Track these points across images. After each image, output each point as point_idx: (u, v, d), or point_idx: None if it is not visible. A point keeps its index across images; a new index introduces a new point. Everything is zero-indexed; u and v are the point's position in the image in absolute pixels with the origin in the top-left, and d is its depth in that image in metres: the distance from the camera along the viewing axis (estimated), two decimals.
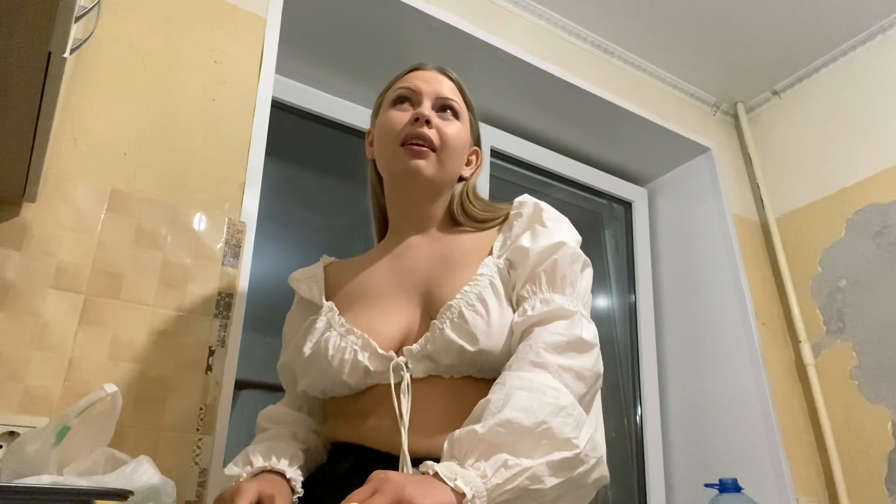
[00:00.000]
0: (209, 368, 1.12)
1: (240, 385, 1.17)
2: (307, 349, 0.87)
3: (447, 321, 0.81)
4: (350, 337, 0.85)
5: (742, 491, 1.39)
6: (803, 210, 2.10)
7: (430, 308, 0.87)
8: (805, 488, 1.78)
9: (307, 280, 1.01)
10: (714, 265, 2.05)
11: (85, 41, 0.83)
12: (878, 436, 1.75)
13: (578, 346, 0.78)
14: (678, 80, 2.23)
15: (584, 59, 2.03)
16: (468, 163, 1.02)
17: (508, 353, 0.81)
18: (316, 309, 0.95)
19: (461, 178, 1.01)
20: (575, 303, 0.83)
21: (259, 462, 0.83)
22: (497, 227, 0.96)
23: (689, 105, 2.27)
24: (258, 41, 1.41)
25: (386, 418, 0.80)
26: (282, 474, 0.82)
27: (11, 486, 0.64)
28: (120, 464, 0.88)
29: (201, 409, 1.09)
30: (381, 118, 0.99)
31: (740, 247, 2.04)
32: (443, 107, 0.97)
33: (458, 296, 0.83)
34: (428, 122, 0.92)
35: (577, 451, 0.67)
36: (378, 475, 0.62)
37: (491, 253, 0.90)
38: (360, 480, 0.65)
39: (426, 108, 0.94)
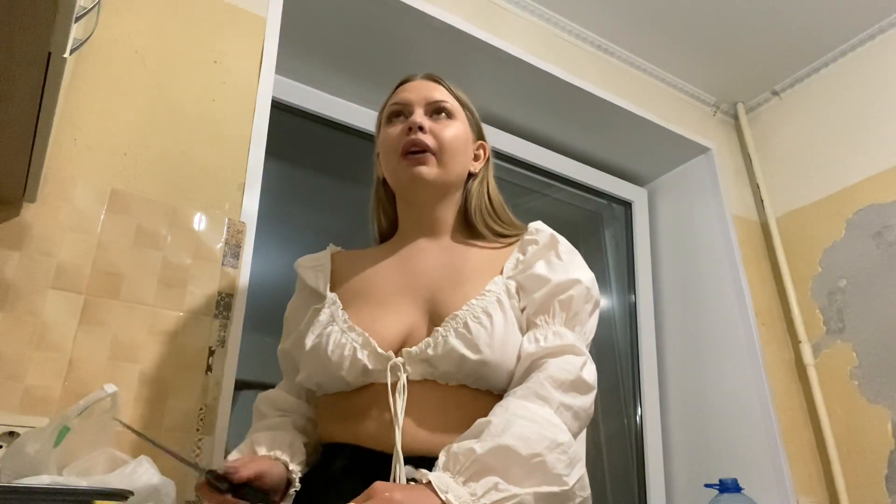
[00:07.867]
0: (209, 369, 1.12)
1: (240, 385, 1.17)
2: (308, 342, 0.88)
3: (451, 330, 0.83)
4: (351, 334, 0.86)
5: (742, 491, 1.39)
6: (803, 210, 2.10)
7: (433, 315, 0.88)
8: (805, 488, 1.77)
9: (314, 268, 1.02)
10: (714, 265, 2.05)
11: (85, 41, 0.83)
12: (878, 436, 1.75)
13: (581, 386, 0.81)
14: (678, 80, 2.23)
15: (584, 59, 2.03)
16: (476, 158, 1.04)
17: (508, 370, 0.83)
18: (319, 298, 0.96)
19: (471, 176, 1.03)
20: (583, 341, 0.86)
21: (263, 452, 0.85)
22: (509, 248, 0.97)
23: (689, 105, 2.27)
24: (258, 41, 1.41)
25: (380, 417, 0.82)
26: (284, 465, 0.84)
27: (11, 486, 0.64)
28: (120, 464, 0.88)
29: (201, 409, 1.09)
30: (380, 137, 1.03)
31: (740, 247, 2.04)
32: (436, 110, 0.99)
33: (464, 307, 0.85)
34: (421, 128, 0.95)
35: (566, 487, 0.69)
36: (378, 489, 0.63)
37: (501, 273, 0.92)
38: (354, 480, 0.65)
39: (418, 116, 0.96)
